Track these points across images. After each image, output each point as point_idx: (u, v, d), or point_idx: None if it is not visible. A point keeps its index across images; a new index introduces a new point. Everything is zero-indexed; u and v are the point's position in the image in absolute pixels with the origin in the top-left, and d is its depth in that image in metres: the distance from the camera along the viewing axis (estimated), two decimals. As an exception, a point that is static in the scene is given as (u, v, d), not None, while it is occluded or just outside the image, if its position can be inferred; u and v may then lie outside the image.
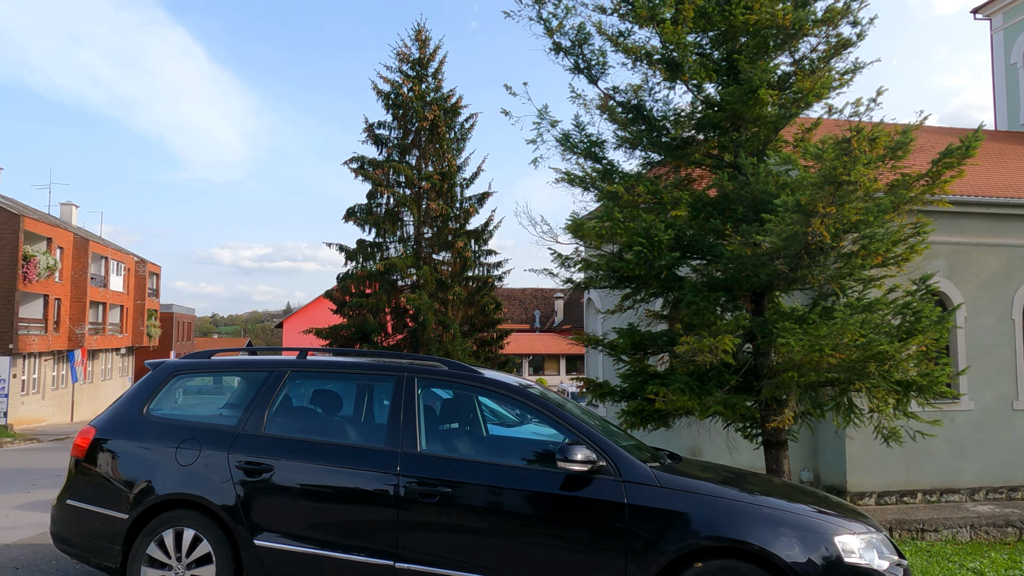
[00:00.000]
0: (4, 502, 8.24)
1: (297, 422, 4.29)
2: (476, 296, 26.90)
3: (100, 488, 4.19)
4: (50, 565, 5.26)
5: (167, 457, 4.09)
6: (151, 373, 4.56)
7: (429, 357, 4.56)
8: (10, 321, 28.57)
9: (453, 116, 27.95)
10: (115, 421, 4.36)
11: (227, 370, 4.75)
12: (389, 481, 3.76)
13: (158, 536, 3.97)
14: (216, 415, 4.45)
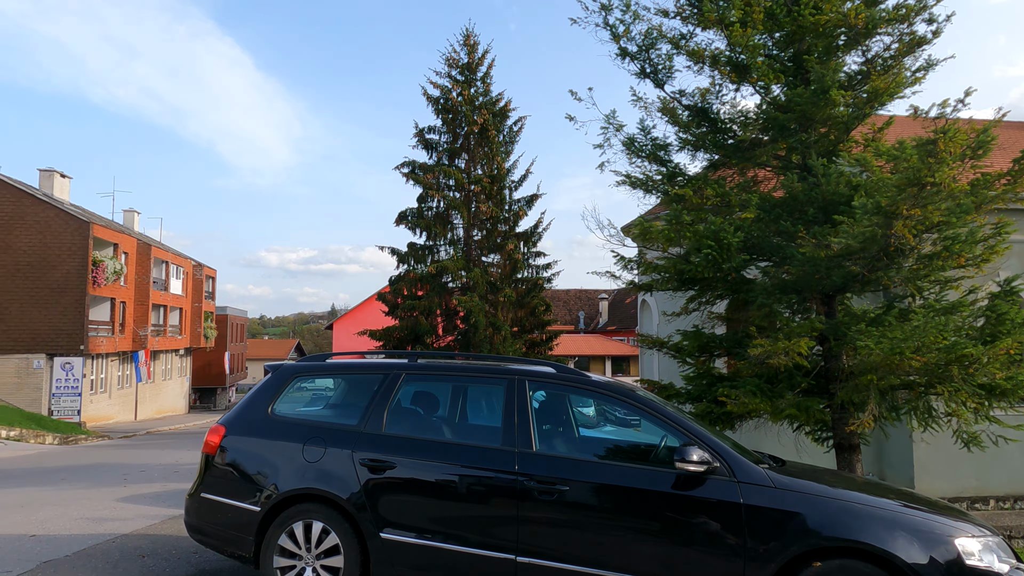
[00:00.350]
0: (106, 495, 8.75)
1: (414, 422, 4.51)
2: (526, 298, 27.10)
3: (232, 482, 4.48)
4: (170, 553, 5.62)
5: (294, 454, 4.36)
6: (272, 375, 4.85)
7: (537, 361, 4.73)
8: (81, 324, 29.93)
9: (502, 119, 28.24)
10: (243, 420, 4.65)
11: (344, 372, 5.01)
12: (508, 479, 3.95)
13: (288, 528, 4.24)
14: (336, 415, 4.71)
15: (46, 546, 5.74)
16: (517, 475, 3.95)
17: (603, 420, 4.69)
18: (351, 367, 5.09)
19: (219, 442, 4.59)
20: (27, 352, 29.49)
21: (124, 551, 5.66)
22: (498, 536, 3.92)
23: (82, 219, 30.55)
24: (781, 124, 9.83)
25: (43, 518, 7.04)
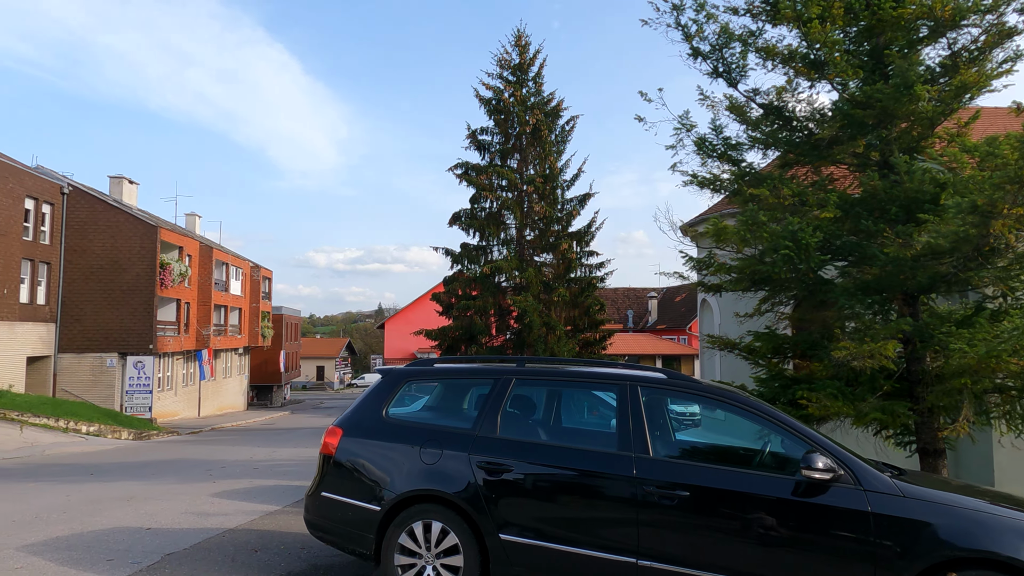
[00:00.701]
0: (200, 491, 9.16)
1: (526, 426, 4.63)
2: (579, 297, 27.07)
3: (352, 482, 4.67)
4: (279, 548, 5.88)
5: (412, 456, 4.52)
6: (385, 379, 5.02)
7: (649, 367, 4.79)
8: (150, 324, 31.21)
9: (554, 119, 28.27)
10: (358, 422, 4.84)
11: (453, 377, 5.15)
12: (627, 484, 4.02)
13: (408, 527, 4.40)
14: (449, 418, 4.85)
15: (163, 539, 6.07)
16: (636, 480, 4.01)
17: (710, 425, 4.71)
18: (461, 372, 5.23)
19: (337, 443, 4.78)
20: (101, 351, 30.91)
21: (236, 545, 5.94)
22: (618, 539, 3.99)
23: (150, 223, 31.83)
24: (859, 121, 9.62)
25: (150, 512, 7.42)
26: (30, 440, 19.27)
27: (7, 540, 5.90)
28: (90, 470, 12.53)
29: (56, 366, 30.34)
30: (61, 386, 30.25)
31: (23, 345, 28.43)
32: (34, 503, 8.01)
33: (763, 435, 4.23)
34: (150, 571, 5.04)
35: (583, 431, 4.79)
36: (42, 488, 9.71)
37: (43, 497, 8.62)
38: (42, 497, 8.62)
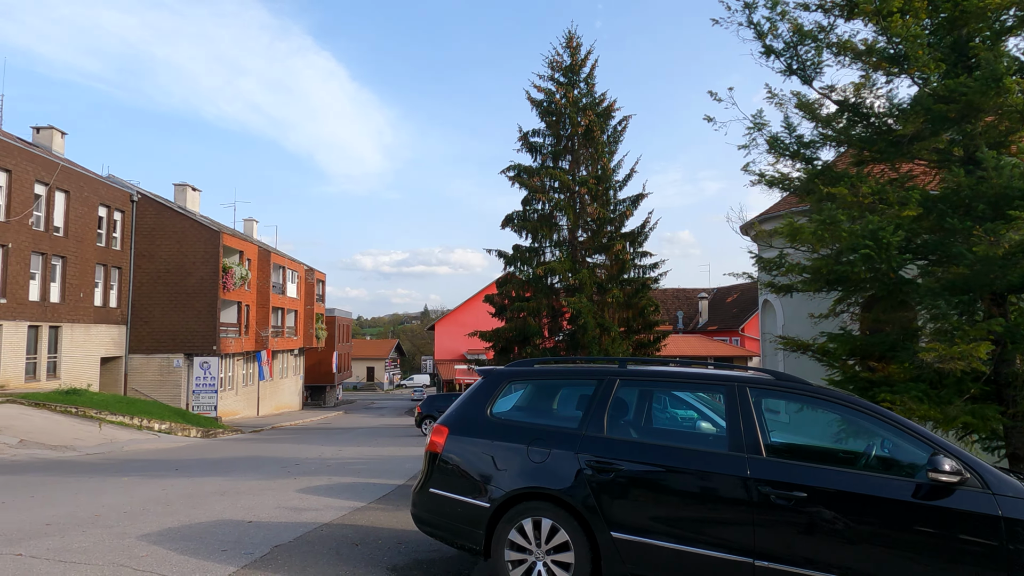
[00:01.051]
0: (285, 487, 9.50)
1: (632, 426, 4.69)
2: (633, 298, 26.91)
3: (460, 479, 4.82)
4: (377, 542, 6.07)
5: (519, 454, 4.63)
6: (486, 379, 5.16)
7: (756, 368, 4.79)
8: (213, 326, 32.32)
9: (606, 119, 28.19)
10: (463, 421, 4.98)
11: (555, 378, 5.26)
12: (741, 484, 4.04)
13: (518, 524, 4.51)
14: (554, 418, 4.96)
15: (267, 532, 6.34)
16: (751, 480, 4.03)
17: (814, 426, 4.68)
18: (562, 373, 5.33)
19: (443, 442, 4.94)
20: (168, 352, 32.16)
21: (336, 539, 6.16)
22: (734, 539, 4.02)
23: (213, 229, 32.97)
24: (941, 115, 9.37)
25: (246, 506, 7.74)
26: (109, 437, 20.21)
27: (126, 530, 6.25)
28: (174, 466, 13.08)
29: (127, 366, 31.69)
30: (131, 385, 31.59)
31: (97, 346, 29.79)
32: (136, 496, 8.45)
33: (873, 436, 4.20)
34: (264, 561, 5.28)
35: (690, 431, 4.82)
36: (136, 482, 10.21)
37: (141, 491, 9.08)
38: (140, 491, 9.07)
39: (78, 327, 28.17)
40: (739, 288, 53.42)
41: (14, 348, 24.55)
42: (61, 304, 27.04)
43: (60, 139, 31.17)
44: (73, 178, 27.93)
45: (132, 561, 5.14)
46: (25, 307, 25.02)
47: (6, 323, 24.06)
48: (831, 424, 4.37)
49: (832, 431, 4.51)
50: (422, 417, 24.54)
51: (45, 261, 26.25)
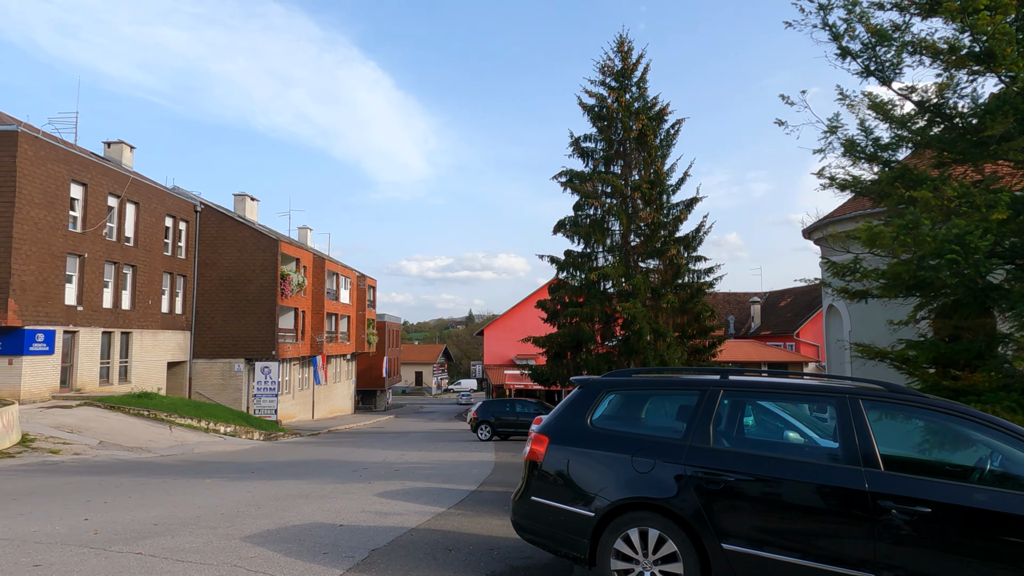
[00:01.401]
0: (362, 491, 9.73)
1: (739, 437, 4.67)
2: (688, 303, 26.58)
3: (562, 488, 4.88)
4: (468, 548, 6.18)
5: (623, 464, 4.66)
6: (584, 389, 5.21)
7: (866, 379, 4.73)
8: (272, 331, 33.24)
9: (659, 123, 27.97)
10: (563, 430, 5.05)
11: (654, 388, 5.28)
12: (859, 498, 3.99)
13: (623, 533, 4.54)
14: (656, 428, 4.98)
15: (360, 536, 6.51)
16: (869, 493, 3.98)
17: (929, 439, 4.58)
18: (663, 383, 5.34)
19: (544, 451, 5.00)
20: (229, 357, 33.20)
21: (428, 544, 6.29)
22: (852, 553, 3.96)
23: (272, 237, 33.93)
24: (1026, 114, 9.03)
25: (332, 509, 7.96)
26: (179, 439, 20.98)
27: (228, 531, 6.51)
28: (249, 469, 13.51)
29: (191, 371, 32.83)
30: (195, 389, 32.71)
31: (165, 351, 30.95)
32: (226, 499, 8.77)
33: (990, 450, 4.09)
34: (366, 565, 5.43)
35: (799, 443, 4.77)
36: (220, 484, 10.59)
37: (228, 493, 9.42)
38: (227, 493, 9.42)
39: (147, 333, 29.35)
40: (792, 292, 52.19)
41: (89, 353, 25.72)
42: (131, 311, 28.22)
43: (129, 153, 32.58)
44: (142, 190, 29.15)
45: (243, 562, 5.36)
46: (99, 314, 26.20)
47: (83, 329, 25.23)
48: (941, 435, 4.27)
49: (942, 443, 4.41)
50: (478, 422, 24.74)
51: (117, 270, 27.45)
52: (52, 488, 10.00)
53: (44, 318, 23.13)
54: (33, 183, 22.56)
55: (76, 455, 16.19)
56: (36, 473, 12.53)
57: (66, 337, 24.52)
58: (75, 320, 24.74)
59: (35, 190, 22.66)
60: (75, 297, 24.96)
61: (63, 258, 24.15)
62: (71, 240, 24.57)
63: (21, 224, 22.02)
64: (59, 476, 11.98)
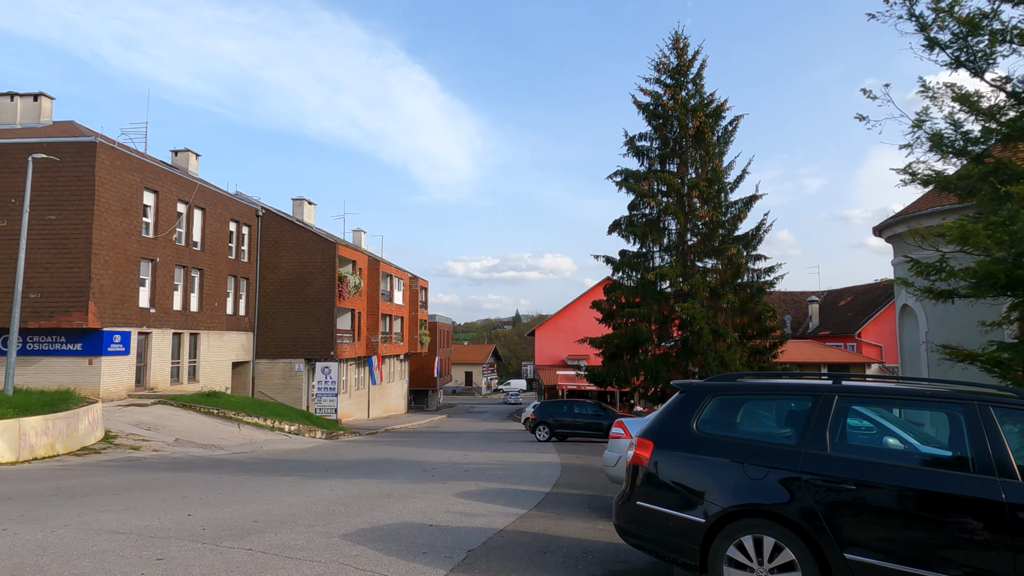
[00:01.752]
0: (441, 491, 9.85)
1: (857, 443, 4.56)
2: (749, 303, 26.06)
3: (670, 493, 4.85)
4: (562, 550, 6.19)
5: (734, 470, 4.60)
6: (687, 393, 5.17)
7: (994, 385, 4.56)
8: (331, 332, 33.97)
9: (716, 120, 27.51)
10: (668, 435, 5.01)
11: (764, 393, 5.20)
12: (996, 509, 3.84)
13: (737, 540, 4.49)
14: (767, 434, 4.90)
15: (452, 536, 6.60)
16: (1007, 504, 3.83)
17: None
18: (773, 388, 5.25)
19: (649, 456, 4.98)
20: (290, 357, 34.08)
21: (521, 546, 6.33)
22: (987, 566, 3.82)
23: (330, 241, 34.69)
24: None
25: (417, 509, 8.09)
26: (248, 437, 21.64)
27: (326, 529, 6.69)
28: (322, 467, 13.84)
29: (254, 370, 33.81)
30: (258, 388, 33.68)
31: (229, 352, 31.97)
32: (313, 497, 9.01)
33: None
34: (467, 566, 5.50)
35: (924, 451, 4.62)
36: (300, 482, 10.88)
37: (312, 491, 9.67)
38: (311, 491, 9.67)
39: (213, 334, 30.38)
40: (853, 291, 50.59)
41: (161, 354, 26.78)
42: (199, 313, 29.25)
43: (195, 160, 33.78)
44: (208, 196, 30.19)
45: (349, 560, 5.49)
46: (170, 316, 27.25)
47: (155, 331, 26.29)
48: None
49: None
50: (535, 423, 24.76)
51: (186, 273, 28.50)
52: (145, 484, 10.45)
53: (120, 320, 24.18)
54: (110, 191, 23.62)
55: (155, 451, 16.87)
56: (124, 469, 13.11)
57: (140, 338, 25.59)
58: (148, 322, 25.80)
59: (112, 198, 23.72)
60: (148, 300, 26.03)
61: (137, 262, 25.21)
62: (144, 245, 25.62)
63: (100, 231, 23.08)
64: (146, 472, 12.51)
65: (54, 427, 15.24)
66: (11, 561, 5.13)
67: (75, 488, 9.67)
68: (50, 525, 6.52)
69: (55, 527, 6.43)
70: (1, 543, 5.71)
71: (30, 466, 13.41)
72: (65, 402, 16.79)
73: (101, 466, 13.61)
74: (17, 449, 13.89)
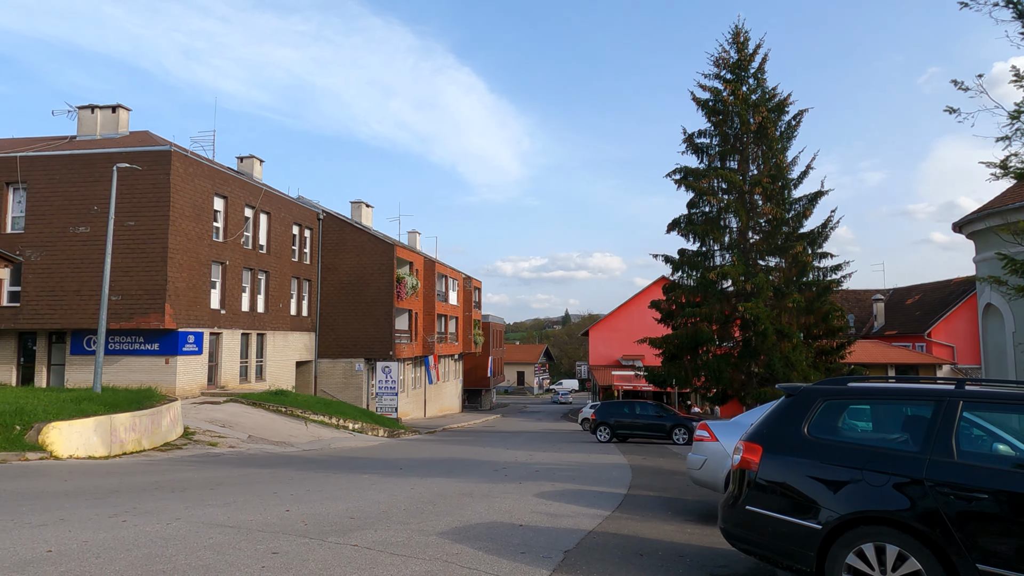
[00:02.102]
0: (518, 491, 9.95)
1: (987, 451, 4.42)
2: (815, 303, 25.34)
3: (782, 498, 4.79)
4: (657, 554, 6.17)
5: (852, 476, 4.51)
6: (797, 397, 5.09)
7: None
8: (390, 333, 34.59)
9: (779, 115, 26.87)
10: (779, 439, 4.95)
11: (877, 398, 5.08)
12: None
13: (857, 548, 4.40)
14: (885, 440, 4.79)
15: (544, 536, 6.66)
16: None
17: None
18: (888, 393, 5.12)
19: (759, 460, 4.92)
20: (350, 357, 34.84)
21: (617, 548, 6.34)
22: None
23: (388, 242, 35.32)
24: None
25: (503, 509, 8.19)
26: (315, 434, 22.24)
27: (421, 527, 6.85)
28: (396, 465, 14.13)
29: (316, 370, 34.69)
30: (320, 387, 34.54)
31: (293, 351, 32.88)
32: (398, 495, 9.22)
33: None
34: (568, 567, 5.55)
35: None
36: (380, 480, 11.14)
37: (394, 489, 9.89)
38: (393, 489, 9.89)
39: (278, 334, 31.32)
40: (921, 288, 48.65)
41: (231, 353, 27.76)
42: (265, 314, 30.20)
43: (259, 166, 34.88)
44: (273, 201, 31.14)
45: (452, 558, 5.61)
46: (238, 317, 28.21)
47: (225, 331, 27.27)
48: None
49: None
50: (596, 424, 24.68)
51: (253, 276, 29.46)
52: (233, 480, 10.87)
53: (193, 321, 25.17)
54: (184, 197, 24.62)
55: (231, 448, 17.51)
56: (207, 464, 13.66)
57: (211, 338, 26.58)
58: (219, 323, 26.78)
59: (185, 204, 24.72)
60: (218, 301, 27.01)
61: (208, 265, 26.20)
62: (214, 249, 26.61)
63: (175, 236, 24.08)
64: (230, 468, 13.01)
65: (140, 423, 15.98)
66: (141, 551, 5.42)
67: (171, 482, 10.14)
68: (163, 518, 6.86)
69: (168, 520, 6.76)
70: (126, 534, 6.04)
71: (121, 460, 14.10)
72: (148, 400, 17.59)
73: (185, 461, 14.21)
74: (109, 444, 14.63)
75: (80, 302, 24.07)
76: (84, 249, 24.13)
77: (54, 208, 24.48)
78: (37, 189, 24.65)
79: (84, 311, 24.01)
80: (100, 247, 23.41)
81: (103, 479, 10.46)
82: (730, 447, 8.15)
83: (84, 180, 24.36)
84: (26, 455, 12.55)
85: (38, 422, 13.42)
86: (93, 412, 14.75)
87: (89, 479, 10.37)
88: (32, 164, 24.75)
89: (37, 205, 24.61)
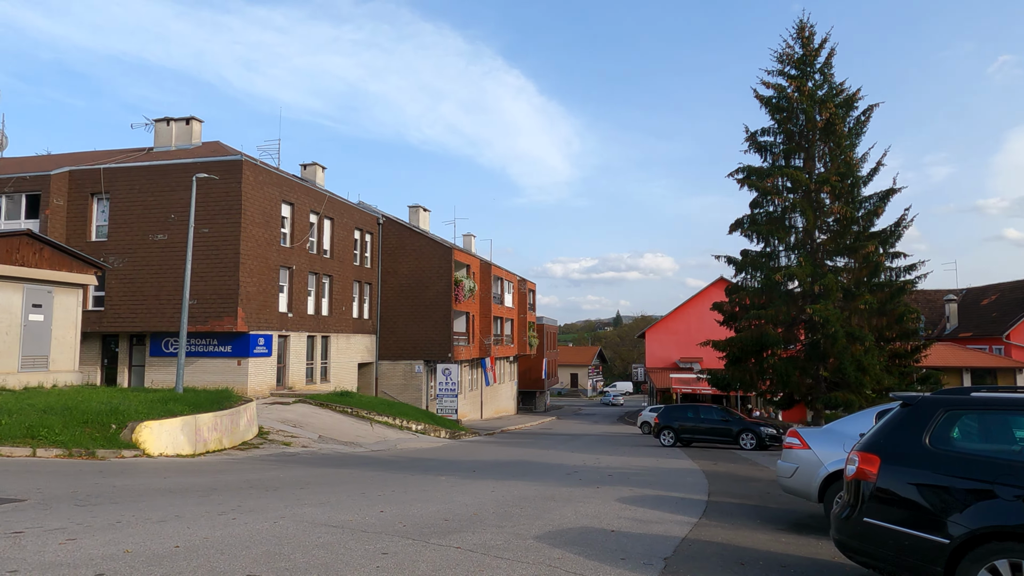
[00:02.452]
0: (598, 496, 9.97)
1: None
2: (888, 304, 24.54)
3: (903, 511, 4.68)
4: (758, 563, 6.08)
5: (981, 489, 4.38)
6: (917, 407, 4.96)
7: None
8: (448, 335, 35.01)
9: (847, 110, 26.11)
10: (898, 450, 4.84)
11: (1006, 409, 4.91)
12: None
13: (989, 564, 4.27)
14: (1013, 451, 4.63)
15: (640, 543, 6.66)
16: None
17: None
18: (1016, 403, 4.95)
19: (876, 471, 4.82)
20: (410, 359, 35.42)
21: (715, 556, 6.29)
22: None
23: (446, 246, 35.77)
24: None
25: (589, 514, 8.22)
26: (381, 435, 22.69)
27: (515, 530, 6.94)
28: (468, 467, 14.32)
29: (377, 371, 35.40)
30: (381, 388, 35.22)
31: (355, 353, 33.63)
32: (481, 497, 9.36)
33: None
34: (670, 574, 5.53)
35: None
36: (457, 482, 11.32)
37: (475, 491, 10.05)
38: (475, 491, 10.05)
39: (341, 336, 32.10)
40: (998, 288, 46.38)
41: (297, 355, 28.59)
42: (329, 316, 31.00)
43: (321, 173, 35.83)
44: (335, 206, 31.94)
45: (555, 562, 5.67)
46: (304, 319, 29.04)
47: (292, 334, 28.11)
48: None
49: None
50: (660, 428, 24.42)
51: (317, 280, 30.29)
52: (319, 479, 11.22)
53: (264, 324, 26.04)
54: (254, 205, 25.51)
55: (304, 447, 18.04)
56: (286, 463, 14.12)
57: (280, 341, 27.44)
58: (286, 326, 27.63)
59: (255, 211, 25.60)
60: (286, 305, 27.87)
61: (277, 270, 27.06)
62: (282, 254, 27.47)
63: (246, 242, 24.98)
64: (308, 467, 13.42)
65: (221, 423, 16.64)
66: (259, 549, 5.68)
67: (262, 481, 10.54)
68: (269, 517, 7.15)
69: (274, 519, 7.04)
70: (240, 531, 6.33)
71: (206, 459, 14.71)
72: (226, 400, 18.29)
73: (265, 460, 14.72)
74: (194, 442, 15.29)
75: (158, 306, 25.21)
76: (162, 255, 25.26)
77: (134, 216, 25.72)
78: (119, 199, 25.94)
79: (162, 315, 25.13)
80: (177, 253, 24.49)
81: (197, 477, 10.94)
82: (824, 455, 7.97)
83: (161, 189, 25.51)
84: (122, 452, 13.24)
85: (131, 421, 14.13)
86: (179, 412, 15.44)
87: (184, 477, 10.87)
88: (114, 175, 26.07)
89: (119, 214, 25.90)
